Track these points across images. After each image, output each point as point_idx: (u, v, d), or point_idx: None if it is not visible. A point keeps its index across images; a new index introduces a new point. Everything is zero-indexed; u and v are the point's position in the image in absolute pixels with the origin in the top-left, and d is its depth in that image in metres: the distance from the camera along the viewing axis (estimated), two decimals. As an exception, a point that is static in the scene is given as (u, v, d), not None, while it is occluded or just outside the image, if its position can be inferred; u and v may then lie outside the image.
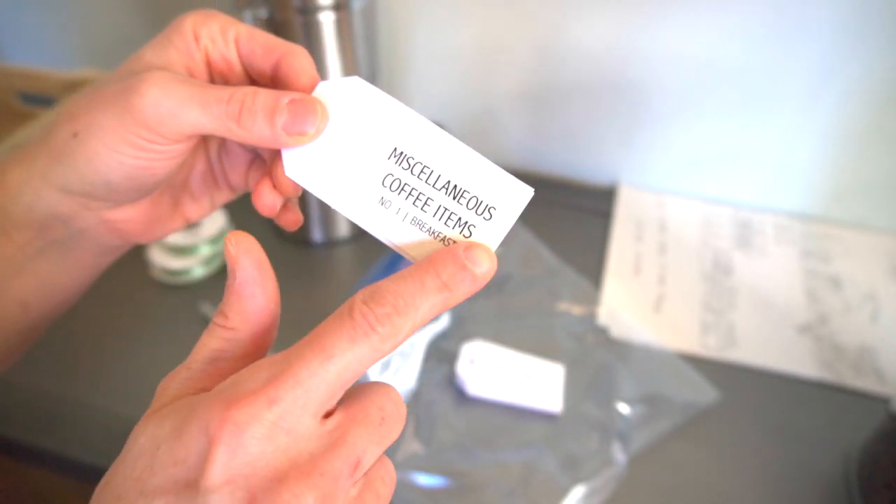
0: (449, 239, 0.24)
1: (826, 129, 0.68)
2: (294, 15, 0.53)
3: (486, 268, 0.23)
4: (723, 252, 0.70)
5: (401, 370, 0.50)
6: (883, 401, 0.54)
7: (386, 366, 0.50)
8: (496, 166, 0.25)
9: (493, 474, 0.48)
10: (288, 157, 0.25)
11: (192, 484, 0.19)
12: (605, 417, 0.52)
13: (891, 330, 0.62)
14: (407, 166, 0.25)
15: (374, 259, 0.52)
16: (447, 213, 0.25)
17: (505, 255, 0.61)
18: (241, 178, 0.32)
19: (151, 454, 0.20)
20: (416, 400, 0.51)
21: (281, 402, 0.20)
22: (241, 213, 0.68)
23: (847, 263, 0.69)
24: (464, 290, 0.23)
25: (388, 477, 0.22)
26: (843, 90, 0.65)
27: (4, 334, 0.33)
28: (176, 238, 0.62)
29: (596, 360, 0.56)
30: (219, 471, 0.19)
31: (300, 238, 0.68)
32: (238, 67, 0.29)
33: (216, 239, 0.64)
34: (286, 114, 0.25)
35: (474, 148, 0.25)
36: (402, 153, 0.25)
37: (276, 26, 0.54)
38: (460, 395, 0.54)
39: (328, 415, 0.21)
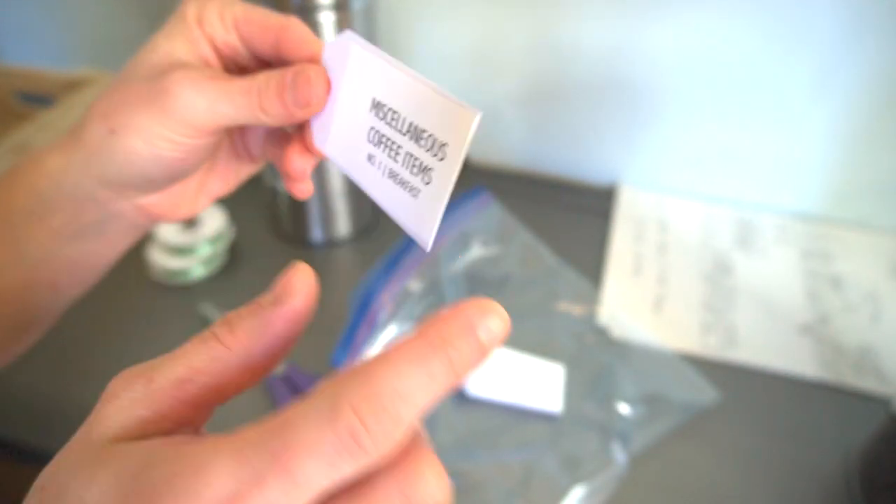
0: (415, 188, 0.24)
1: (826, 130, 0.68)
2: (294, 15, 0.53)
3: (497, 337, 0.19)
4: (723, 252, 0.70)
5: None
6: (884, 401, 0.54)
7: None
8: (444, 94, 0.24)
9: (493, 474, 0.48)
10: (316, 127, 0.27)
11: None
12: (605, 417, 0.52)
13: (891, 330, 0.62)
14: (382, 115, 0.25)
15: (374, 259, 0.52)
16: (411, 160, 0.24)
17: (505, 255, 0.61)
18: (261, 150, 0.33)
19: None
20: (416, 400, 0.51)
21: None
22: (241, 213, 0.68)
23: (848, 263, 0.69)
24: (469, 369, 0.18)
25: None
26: (843, 90, 0.65)
27: (34, 312, 0.33)
28: (176, 238, 0.62)
29: (596, 360, 0.56)
30: None
31: (300, 238, 0.68)
32: (244, 51, 0.30)
33: (216, 239, 0.64)
34: (291, 90, 0.26)
35: (473, 146, 0.25)
36: (378, 102, 0.25)
37: (276, 26, 0.54)
38: (460, 396, 0.54)
39: None
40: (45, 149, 0.31)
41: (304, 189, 0.31)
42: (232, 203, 0.68)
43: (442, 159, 0.23)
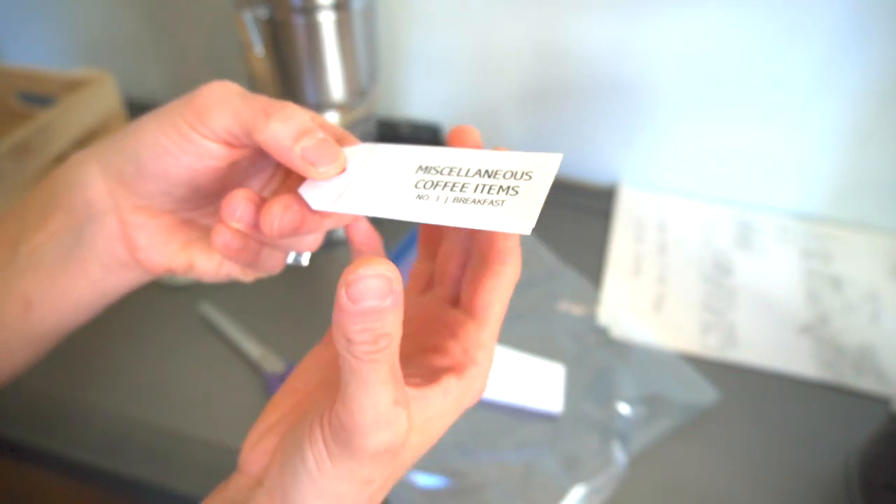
0: (497, 201, 0.24)
1: (826, 129, 0.68)
2: (294, 15, 0.53)
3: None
4: (723, 252, 0.70)
5: (401, 370, 0.50)
6: (883, 401, 0.54)
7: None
8: (520, 152, 0.25)
9: (493, 474, 0.48)
10: (310, 197, 0.26)
11: None
12: (606, 417, 0.52)
13: (891, 330, 0.62)
14: (436, 171, 0.26)
15: (374, 259, 0.52)
16: (487, 186, 0.25)
17: (505, 255, 0.61)
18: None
19: None
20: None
21: None
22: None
23: (847, 263, 0.69)
24: None
25: None
26: (843, 90, 0.65)
27: (7, 333, 0.33)
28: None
29: (596, 360, 0.56)
30: None
31: (300, 238, 0.68)
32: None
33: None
34: (313, 142, 0.26)
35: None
36: (428, 167, 0.26)
37: (276, 26, 0.54)
38: (460, 396, 0.54)
39: None
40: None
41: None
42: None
43: (529, 180, 0.24)
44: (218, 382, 0.55)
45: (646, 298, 0.64)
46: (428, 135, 0.78)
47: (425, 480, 0.47)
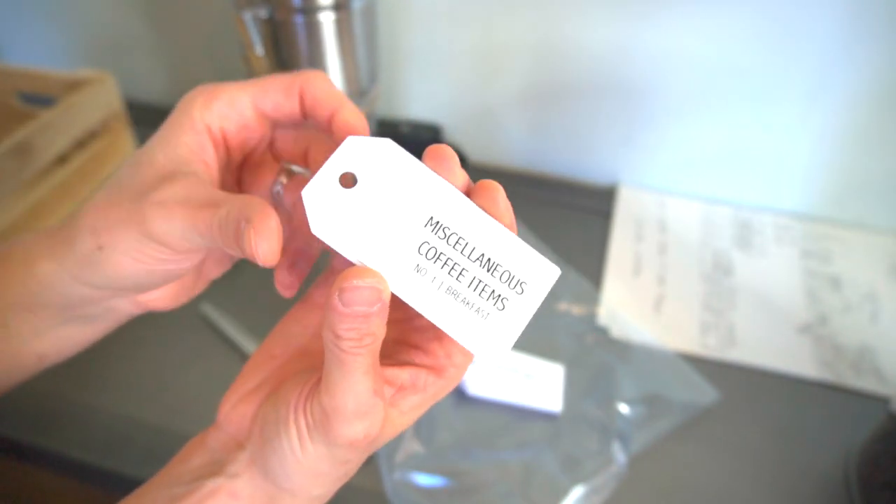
0: (483, 311, 0.24)
1: (826, 129, 0.68)
2: (294, 15, 0.53)
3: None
4: (723, 252, 0.70)
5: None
6: (882, 401, 0.54)
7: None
8: (526, 244, 0.25)
9: (492, 474, 0.48)
10: (313, 214, 0.24)
11: None
12: (605, 417, 0.52)
13: (890, 330, 0.62)
14: (443, 236, 0.24)
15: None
16: (482, 285, 0.24)
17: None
18: None
19: None
20: (416, 400, 0.51)
21: None
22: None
23: (847, 263, 0.69)
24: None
25: None
26: (842, 90, 0.65)
27: (16, 379, 0.35)
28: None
29: (596, 360, 0.56)
30: None
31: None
32: (256, 126, 0.29)
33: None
34: (237, 240, 0.24)
35: (473, 146, 0.25)
36: (438, 223, 0.24)
37: (276, 26, 0.54)
38: (460, 395, 0.54)
39: None
40: (32, 251, 0.30)
41: (289, 292, 0.32)
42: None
43: (520, 294, 0.25)
44: (218, 382, 0.55)
45: (646, 298, 0.64)
46: (428, 135, 0.78)
47: (425, 480, 0.48)
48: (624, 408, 0.52)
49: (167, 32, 0.84)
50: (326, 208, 0.24)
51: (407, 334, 0.29)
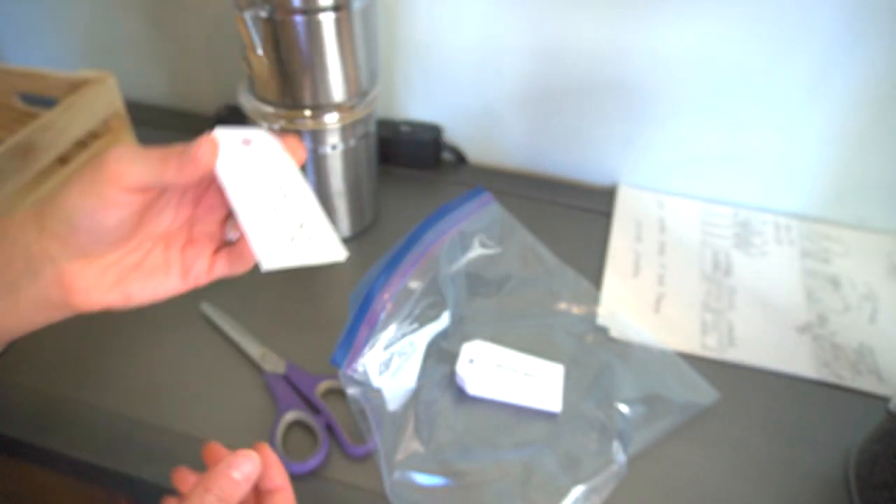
0: (279, 238, 0.35)
1: (825, 130, 0.68)
2: (294, 15, 0.53)
3: (249, 475, 0.34)
4: (722, 252, 0.70)
5: (401, 370, 0.51)
6: (882, 400, 0.54)
7: (386, 365, 0.50)
8: (326, 222, 0.37)
9: (492, 474, 0.48)
10: (221, 160, 0.35)
11: None
12: (605, 417, 0.52)
13: (889, 330, 0.62)
14: (283, 194, 0.37)
15: (374, 259, 0.52)
16: (288, 226, 0.36)
17: (504, 254, 0.61)
18: (199, 267, 0.39)
19: None
20: (415, 399, 0.51)
21: None
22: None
23: (846, 263, 0.69)
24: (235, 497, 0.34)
25: None
26: (842, 90, 0.65)
27: None
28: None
29: (596, 359, 0.56)
30: None
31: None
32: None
33: (216, 239, 0.64)
34: (186, 151, 0.33)
35: (473, 146, 0.26)
36: (279, 187, 0.37)
37: (276, 26, 0.54)
38: (460, 395, 0.54)
39: None
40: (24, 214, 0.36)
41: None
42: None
43: (306, 245, 0.36)
44: (218, 382, 0.55)
45: (645, 298, 0.64)
46: (429, 135, 0.78)
47: (425, 480, 0.48)
48: (624, 407, 0.52)
49: (167, 32, 0.84)
50: (229, 155, 0.35)
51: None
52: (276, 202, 0.36)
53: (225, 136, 0.36)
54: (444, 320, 0.55)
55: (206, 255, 0.39)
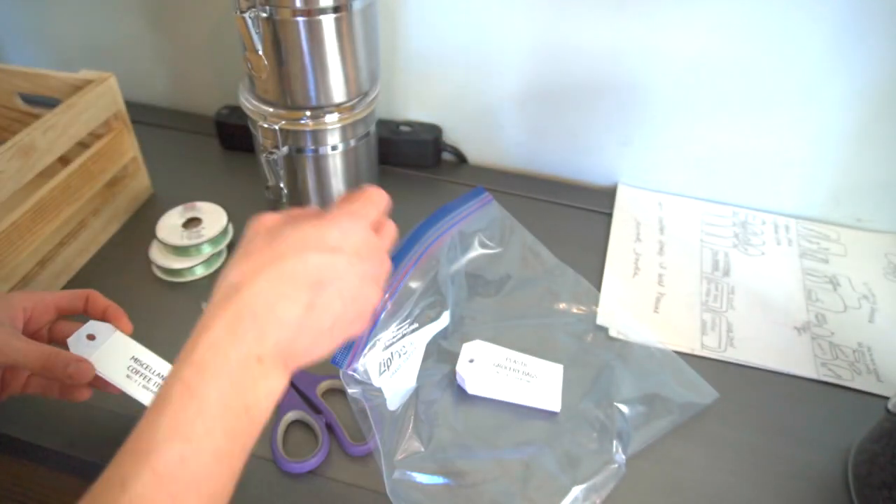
0: (145, 388, 0.47)
1: (825, 130, 0.68)
2: (294, 15, 0.53)
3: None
4: (721, 252, 0.70)
5: (401, 370, 0.51)
6: (880, 400, 0.55)
7: (386, 365, 0.50)
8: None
9: (492, 473, 0.49)
10: (78, 352, 0.46)
11: None
12: (605, 417, 0.52)
13: (888, 329, 0.62)
14: (141, 367, 0.47)
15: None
16: (148, 383, 0.47)
17: (504, 255, 0.61)
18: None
19: None
20: (415, 399, 0.52)
21: None
22: (242, 214, 0.68)
23: (845, 263, 0.69)
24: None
25: None
26: (841, 90, 0.65)
27: None
28: (178, 240, 0.63)
29: (595, 359, 0.57)
30: None
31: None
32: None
33: (217, 240, 0.64)
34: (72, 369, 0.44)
35: (473, 146, 0.25)
36: (138, 360, 0.48)
37: (276, 26, 0.54)
38: (460, 395, 0.54)
39: None
40: None
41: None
42: (233, 204, 0.68)
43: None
44: (219, 382, 0.55)
45: (645, 298, 0.64)
46: (429, 135, 0.78)
47: (425, 479, 0.48)
48: (623, 407, 0.52)
49: (168, 33, 0.84)
50: (82, 349, 0.46)
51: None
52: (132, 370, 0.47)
53: (76, 344, 0.46)
54: (444, 320, 0.55)
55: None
